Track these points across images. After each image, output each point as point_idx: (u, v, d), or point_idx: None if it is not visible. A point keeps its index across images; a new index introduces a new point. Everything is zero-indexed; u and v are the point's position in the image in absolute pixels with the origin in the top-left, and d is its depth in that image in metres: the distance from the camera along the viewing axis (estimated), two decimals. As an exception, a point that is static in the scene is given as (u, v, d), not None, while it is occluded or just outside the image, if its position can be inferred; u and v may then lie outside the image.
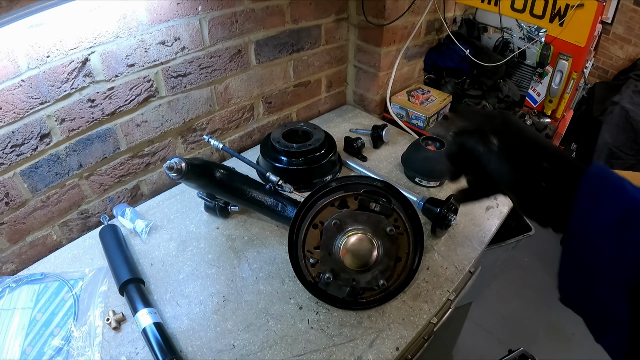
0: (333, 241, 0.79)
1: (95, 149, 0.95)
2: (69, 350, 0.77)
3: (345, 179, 0.85)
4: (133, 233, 0.98)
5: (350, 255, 0.77)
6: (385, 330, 0.82)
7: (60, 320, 0.81)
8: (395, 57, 1.39)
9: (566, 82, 1.49)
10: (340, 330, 0.82)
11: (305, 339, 0.80)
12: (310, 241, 0.82)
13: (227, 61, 1.09)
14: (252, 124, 1.28)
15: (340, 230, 0.78)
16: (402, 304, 0.86)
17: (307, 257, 0.82)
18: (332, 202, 0.81)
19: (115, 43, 0.88)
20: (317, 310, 0.85)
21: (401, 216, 0.81)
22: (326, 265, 0.79)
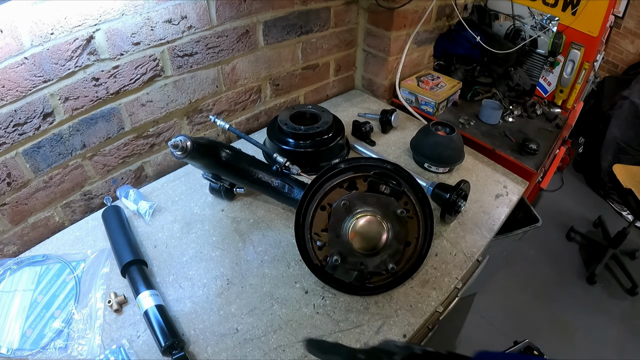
0: (341, 223, 0.76)
1: (99, 129, 0.92)
2: (69, 332, 0.75)
3: (355, 160, 0.82)
4: (136, 215, 0.96)
5: (359, 238, 0.74)
6: (392, 317, 0.79)
7: (61, 302, 0.79)
8: (405, 42, 1.35)
9: (578, 72, 1.45)
10: (347, 315, 0.79)
11: (310, 324, 0.78)
12: (318, 223, 0.79)
13: (235, 41, 1.06)
14: (259, 106, 1.25)
15: (349, 212, 0.76)
16: (410, 290, 0.84)
17: (315, 239, 0.79)
18: (341, 184, 0.78)
19: (121, 21, 0.85)
20: (323, 295, 0.82)
21: (411, 199, 0.78)
22: (334, 248, 0.76)
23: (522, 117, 1.44)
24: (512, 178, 1.14)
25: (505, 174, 1.15)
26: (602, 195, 2.76)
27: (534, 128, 1.40)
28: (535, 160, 1.24)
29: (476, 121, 1.38)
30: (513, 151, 1.26)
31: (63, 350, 0.72)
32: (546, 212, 2.55)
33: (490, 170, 1.16)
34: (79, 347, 0.73)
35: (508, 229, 1.49)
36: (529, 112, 1.44)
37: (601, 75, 3.06)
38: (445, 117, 1.39)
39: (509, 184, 1.12)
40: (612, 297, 2.11)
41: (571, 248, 2.38)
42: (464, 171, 1.14)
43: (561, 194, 2.75)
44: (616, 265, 2.22)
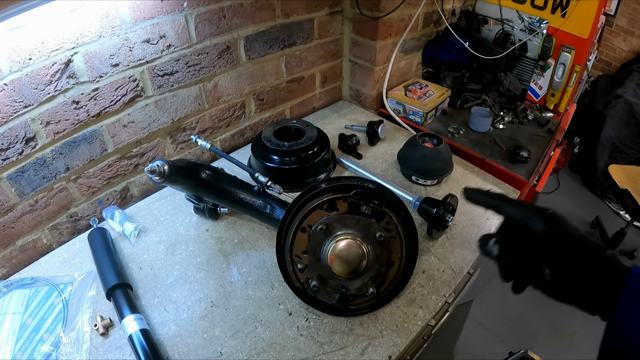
0: (321, 246, 0.73)
1: (82, 151, 0.91)
2: (57, 356, 0.74)
3: (335, 180, 0.80)
4: (122, 236, 0.94)
5: (339, 262, 0.72)
6: (377, 338, 0.77)
7: (49, 325, 0.78)
8: (392, 51, 1.32)
9: (569, 75, 1.42)
10: (331, 337, 0.77)
11: (294, 347, 0.75)
12: (299, 245, 0.77)
13: (216, 58, 1.03)
14: (243, 122, 1.23)
15: (328, 235, 0.73)
16: (396, 309, 0.81)
17: (295, 262, 0.77)
18: (321, 205, 0.76)
19: (99, 43, 0.83)
20: (307, 317, 0.80)
21: (393, 219, 0.75)
22: (314, 271, 0.74)
23: (513, 123, 1.40)
24: (503, 188, 1.11)
25: (496, 184, 1.12)
26: (599, 195, 2.71)
27: (526, 134, 1.37)
28: (526, 169, 1.21)
29: (466, 129, 1.34)
30: (504, 160, 1.22)
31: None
32: (543, 214, 2.52)
33: (480, 181, 1.13)
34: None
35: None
36: (520, 118, 1.41)
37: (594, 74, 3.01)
38: (434, 126, 1.36)
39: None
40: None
41: (569, 250, 2.34)
42: (453, 182, 1.11)
43: (558, 196, 2.70)
44: (614, 266, 2.18)
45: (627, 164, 2.30)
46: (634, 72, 2.70)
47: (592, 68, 2.92)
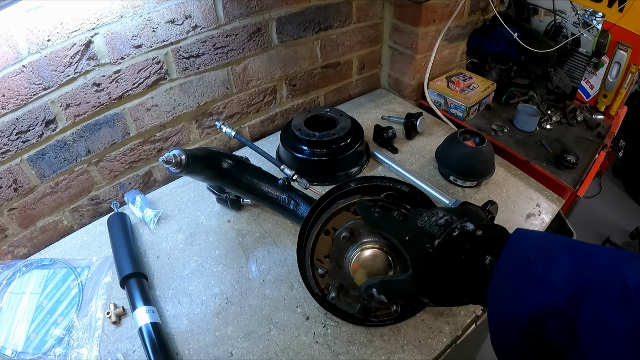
0: (344, 253, 0.64)
1: (103, 135, 0.86)
2: (69, 340, 0.71)
3: (366, 180, 0.69)
4: (142, 222, 0.89)
5: (362, 272, 0.62)
6: (397, 353, 0.68)
7: (64, 308, 0.76)
8: (435, 39, 1.18)
9: (624, 76, 1.23)
10: (348, 347, 0.69)
11: (308, 354, 0.68)
12: (321, 249, 0.68)
13: (245, 40, 0.94)
14: (274, 108, 1.13)
15: (352, 241, 0.64)
16: (421, 323, 0.72)
17: (316, 266, 0.68)
18: (348, 207, 0.66)
19: (120, 23, 0.77)
20: (324, 323, 0.72)
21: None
22: (335, 279, 0.65)
23: (561, 124, 1.24)
24: (546, 195, 0.98)
25: (539, 190, 0.99)
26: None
27: (573, 137, 1.21)
28: (573, 175, 1.06)
29: (510, 127, 1.19)
30: (549, 164, 1.08)
31: (62, 357, 0.69)
32: (581, 220, 2.29)
33: (522, 185, 0.99)
34: (77, 356, 0.69)
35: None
36: (568, 119, 1.24)
37: (644, 75, 2.70)
38: (476, 122, 1.22)
39: (542, 202, 0.95)
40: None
41: (606, 260, 2.13)
42: (493, 185, 0.98)
43: (598, 201, 2.46)
44: (654, 280, 1.97)
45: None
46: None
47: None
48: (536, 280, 0.31)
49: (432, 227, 0.42)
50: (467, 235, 0.39)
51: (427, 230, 0.42)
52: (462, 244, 0.39)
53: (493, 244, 0.37)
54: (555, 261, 0.31)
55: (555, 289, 0.30)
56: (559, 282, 0.30)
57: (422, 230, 0.43)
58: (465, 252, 0.38)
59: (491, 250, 0.36)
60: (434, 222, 0.43)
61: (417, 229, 0.44)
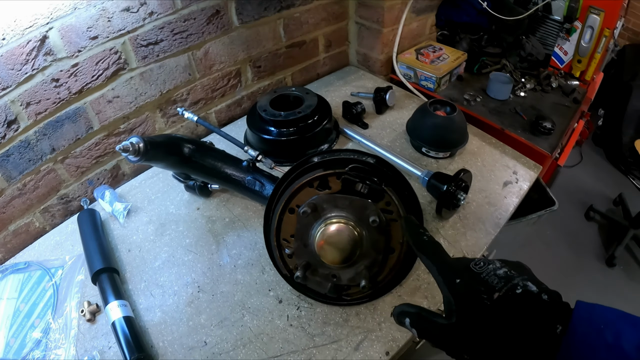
0: (309, 230, 0.58)
1: (66, 131, 0.79)
2: (47, 342, 0.66)
3: (330, 153, 0.63)
4: (113, 216, 0.83)
5: (328, 249, 0.56)
6: (374, 331, 0.62)
7: (40, 311, 0.70)
8: (401, 11, 1.09)
9: (597, 40, 1.15)
10: (323, 329, 0.63)
11: (282, 338, 0.62)
12: (287, 228, 0.61)
13: (205, 24, 0.87)
14: (240, 91, 1.06)
15: (316, 217, 0.57)
16: (397, 299, 0.66)
17: (284, 246, 0.62)
18: (311, 182, 0.59)
19: (74, 15, 0.70)
20: (298, 305, 0.66)
21: (394, 199, 0.58)
22: (302, 258, 0.59)
23: (536, 91, 1.17)
24: (523, 162, 0.91)
25: (515, 158, 0.92)
26: (623, 171, 2.38)
27: (549, 103, 1.13)
28: (550, 141, 0.99)
29: (483, 97, 1.12)
30: (525, 131, 1.01)
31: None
32: (564, 189, 2.23)
33: (498, 154, 0.93)
34: (55, 358, 0.64)
35: (521, 213, 1.26)
36: (543, 86, 1.17)
37: (621, 44, 2.61)
38: (448, 93, 1.14)
39: (519, 170, 0.89)
40: (633, 280, 1.81)
41: (590, 228, 2.06)
42: (468, 155, 0.92)
43: (580, 170, 2.39)
44: (637, 246, 1.91)
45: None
46: (665, 41, 2.32)
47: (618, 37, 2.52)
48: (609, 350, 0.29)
49: (491, 277, 0.35)
50: (532, 296, 0.33)
51: (484, 279, 0.35)
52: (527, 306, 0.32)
53: (561, 311, 0.32)
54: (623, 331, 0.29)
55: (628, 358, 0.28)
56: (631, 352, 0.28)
57: (477, 276, 0.35)
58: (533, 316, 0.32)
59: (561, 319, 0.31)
60: (492, 271, 0.35)
61: (471, 273, 0.36)
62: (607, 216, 2.04)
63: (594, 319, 0.30)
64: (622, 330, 0.29)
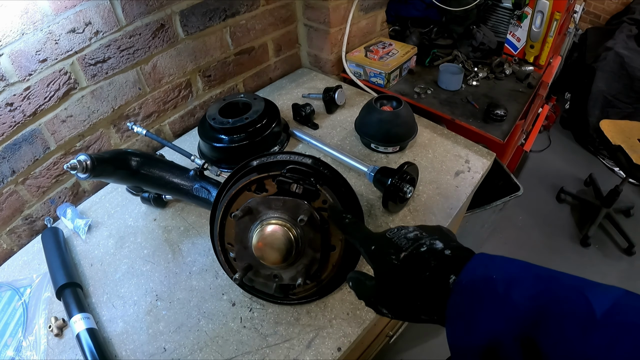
0: (247, 233, 0.58)
1: (24, 153, 0.79)
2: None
3: (267, 156, 0.63)
4: (75, 233, 0.82)
5: (265, 250, 0.56)
6: (326, 328, 0.63)
7: (12, 329, 0.70)
8: (348, 10, 1.09)
9: (548, 24, 1.16)
10: (275, 328, 0.63)
11: (237, 340, 0.63)
12: (230, 232, 0.62)
13: (150, 38, 0.86)
14: (192, 102, 1.05)
15: (253, 220, 0.58)
16: (348, 294, 0.66)
17: (228, 250, 0.63)
18: (248, 186, 0.60)
19: (22, 40, 0.70)
20: (250, 307, 0.67)
21: (329, 198, 0.59)
22: (243, 260, 0.59)
23: (489, 80, 1.17)
24: (475, 151, 0.91)
25: (467, 147, 0.92)
26: (592, 151, 2.40)
27: (503, 90, 1.14)
28: (503, 128, 1.00)
29: (435, 89, 1.12)
30: (476, 119, 1.01)
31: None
32: (534, 174, 2.23)
33: (450, 144, 0.93)
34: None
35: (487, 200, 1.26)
36: (496, 73, 1.17)
37: (583, 27, 2.62)
38: (399, 87, 1.14)
39: (471, 158, 0.89)
40: (608, 258, 1.82)
41: (562, 210, 2.06)
42: (418, 148, 0.92)
43: (549, 154, 2.39)
44: (610, 224, 1.92)
45: (619, 118, 1.99)
46: (624, 24, 2.32)
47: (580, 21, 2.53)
48: (497, 300, 0.29)
49: (400, 240, 0.38)
50: (435, 252, 0.35)
51: (394, 242, 0.38)
52: (428, 260, 0.35)
53: (459, 264, 0.33)
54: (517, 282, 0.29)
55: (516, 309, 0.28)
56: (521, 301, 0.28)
57: (389, 241, 0.39)
58: (431, 269, 0.34)
59: (456, 270, 0.33)
60: (403, 235, 0.39)
61: (384, 239, 0.40)
62: (578, 197, 2.05)
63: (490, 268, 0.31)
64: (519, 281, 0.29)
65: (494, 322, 0.28)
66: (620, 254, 1.83)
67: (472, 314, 0.30)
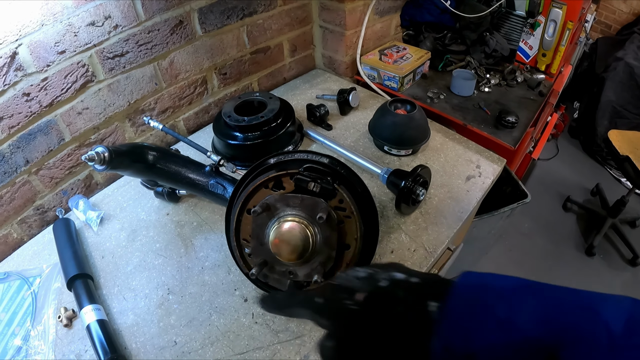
0: (263, 230, 0.59)
1: (39, 143, 0.80)
2: (27, 349, 0.67)
3: (285, 155, 0.65)
4: (87, 225, 0.84)
5: (282, 246, 0.57)
6: (336, 325, 0.64)
7: (20, 319, 0.71)
8: (364, 13, 1.11)
9: (561, 33, 1.18)
10: (287, 325, 0.65)
11: (248, 335, 0.64)
12: (246, 228, 0.63)
13: (168, 34, 0.88)
14: (207, 99, 1.07)
15: (270, 217, 0.59)
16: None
17: (243, 246, 0.64)
18: (265, 183, 0.61)
19: (42, 31, 0.72)
20: (263, 303, 0.68)
21: (345, 197, 0.60)
22: (258, 256, 0.61)
23: (501, 86, 1.19)
24: (486, 156, 0.93)
25: (479, 152, 0.94)
26: (600, 161, 2.41)
27: (515, 97, 1.16)
28: (514, 135, 1.02)
29: (448, 94, 1.14)
30: (488, 125, 1.03)
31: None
32: (541, 182, 2.25)
33: (461, 149, 0.95)
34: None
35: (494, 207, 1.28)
36: (508, 80, 1.19)
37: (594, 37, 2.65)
38: (412, 91, 1.16)
39: (482, 164, 0.91)
40: (613, 268, 1.83)
41: (568, 219, 2.08)
42: (430, 152, 0.94)
43: (556, 162, 2.41)
44: (616, 235, 1.93)
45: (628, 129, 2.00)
46: (635, 34, 2.35)
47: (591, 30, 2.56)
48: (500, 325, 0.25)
49: (352, 282, 0.32)
50: (399, 283, 0.30)
51: (344, 286, 0.32)
52: (393, 293, 0.29)
53: (435, 289, 0.29)
54: (519, 303, 0.26)
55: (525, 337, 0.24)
56: (529, 327, 0.24)
57: (337, 287, 0.32)
58: (401, 301, 0.29)
59: (434, 295, 0.28)
60: (352, 277, 0.32)
61: (330, 287, 0.33)
62: (584, 206, 2.07)
63: (482, 290, 0.27)
64: (519, 302, 0.26)
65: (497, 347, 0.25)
66: (624, 265, 1.84)
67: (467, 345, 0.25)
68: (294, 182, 0.60)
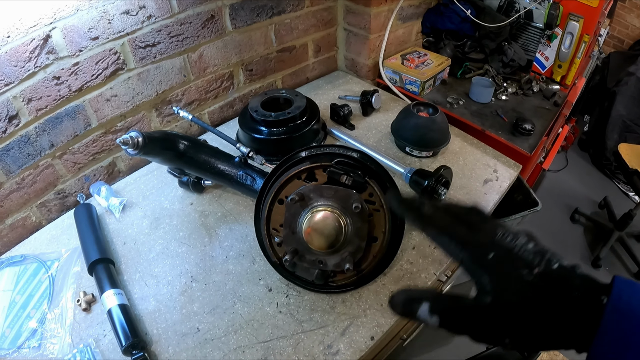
0: (296, 219, 0.63)
1: (65, 127, 0.83)
2: (42, 332, 0.69)
3: (317, 148, 0.68)
4: (109, 211, 0.86)
5: (315, 235, 0.61)
6: (360, 317, 0.67)
7: (36, 302, 0.73)
8: (388, 18, 1.16)
9: (577, 46, 1.23)
10: (311, 315, 0.67)
11: (272, 324, 0.66)
12: (276, 218, 0.66)
13: (200, 28, 0.92)
14: (232, 93, 1.11)
15: (304, 206, 0.62)
16: (382, 287, 0.70)
17: (273, 235, 0.67)
18: (298, 175, 0.65)
19: (76, 16, 0.75)
20: (287, 293, 0.71)
21: (376, 190, 0.63)
22: (290, 245, 0.64)
23: (517, 95, 1.24)
24: (503, 161, 0.97)
25: (496, 157, 0.98)
26: (608, 175, 2.47)
27: (530, 106, 1.21)
28: (530, 142, 1.06)
29: (466, 100, 1.19)
30: (505, 132, 1.07)
31: (37, 349, 0.67)
32: (549, 193, 2.30)
33: (479, 153, 0.99)
34: (51, 347, 0.67)
35: (506, 213, 1.32)
36: (524, 90, 1.24)
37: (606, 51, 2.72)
38: (432, 96, 1.21)
39: (499, 168, 0.95)
40: (618, 281, 1.88)
41: (575, 230, 2.13)
42: (450, 155, 0.98)
43: (565, 174, 2.46)
44: (622, 248, 1.97)
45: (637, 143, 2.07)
46: (647, 50, 2.43)
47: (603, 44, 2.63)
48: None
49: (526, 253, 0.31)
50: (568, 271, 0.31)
51: (519, 255, 0.31)
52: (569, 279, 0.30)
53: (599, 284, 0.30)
54: None
55: None
56: None
57: (511, 251, 0.31)
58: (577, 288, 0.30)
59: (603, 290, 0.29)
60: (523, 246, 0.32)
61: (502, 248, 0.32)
62: (592, 219, 2.11)
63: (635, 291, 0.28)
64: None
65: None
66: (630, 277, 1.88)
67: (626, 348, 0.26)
68: (327, 174, 0.64)
